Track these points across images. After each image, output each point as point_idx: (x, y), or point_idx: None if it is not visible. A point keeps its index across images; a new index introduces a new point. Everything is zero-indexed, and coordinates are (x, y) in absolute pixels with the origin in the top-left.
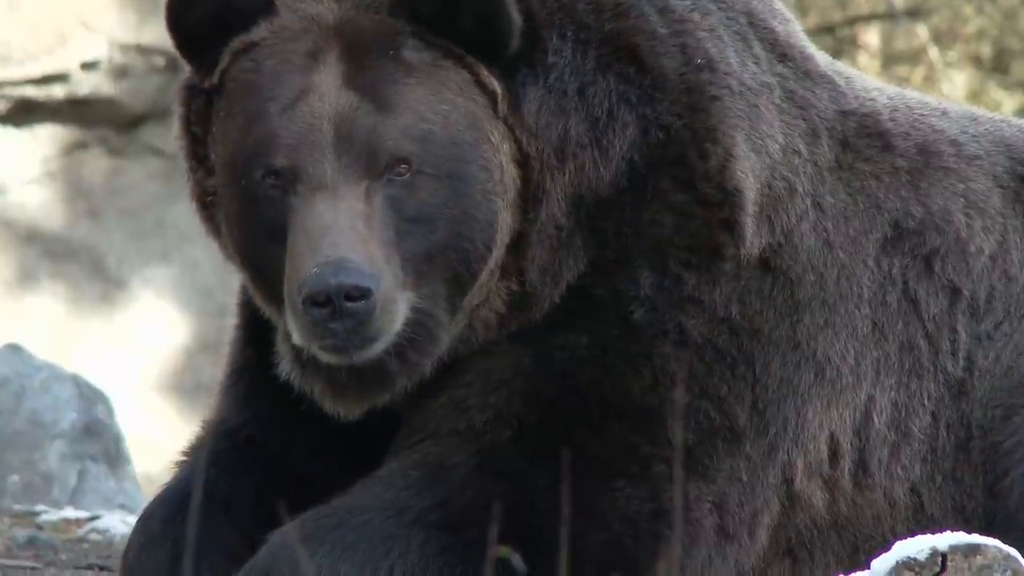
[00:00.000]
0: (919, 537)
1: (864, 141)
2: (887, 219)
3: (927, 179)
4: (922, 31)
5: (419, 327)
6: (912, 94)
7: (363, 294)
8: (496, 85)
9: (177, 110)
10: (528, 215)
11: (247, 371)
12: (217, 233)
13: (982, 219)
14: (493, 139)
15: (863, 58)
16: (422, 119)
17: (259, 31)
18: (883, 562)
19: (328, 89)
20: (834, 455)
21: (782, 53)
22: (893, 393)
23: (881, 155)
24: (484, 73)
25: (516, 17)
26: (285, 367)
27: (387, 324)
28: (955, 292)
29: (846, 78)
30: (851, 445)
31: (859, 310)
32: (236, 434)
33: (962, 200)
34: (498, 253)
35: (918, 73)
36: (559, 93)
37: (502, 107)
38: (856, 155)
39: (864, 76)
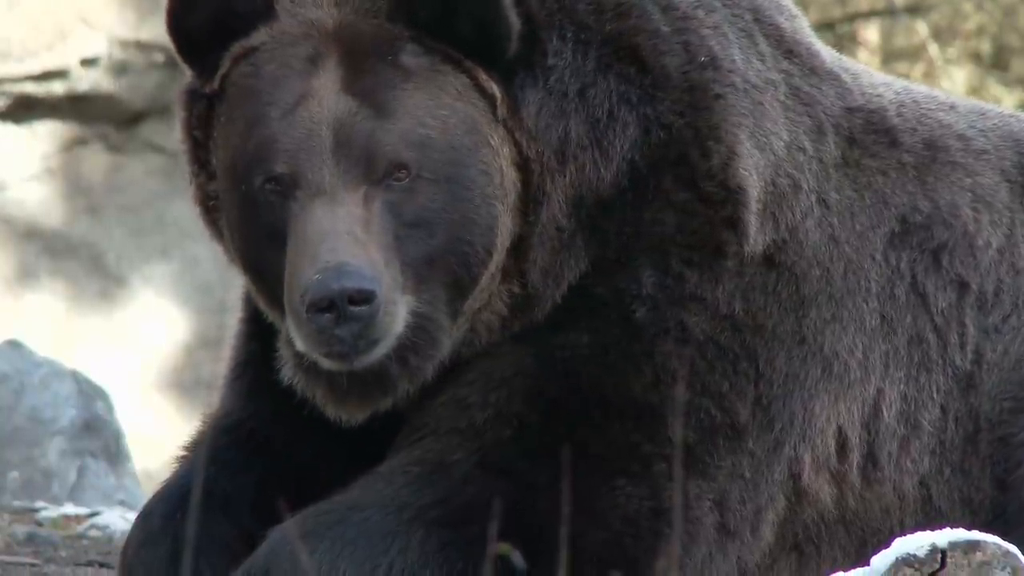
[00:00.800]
0: (919, 533)
1: (871, 137)
2: (894, 214)
3: (934, 174)
4: (922, 28)
5: (420, 331)
6: (920, 88)
7: (366, 297)
8: (495, 89)
9: (179, 114)
10: (529, 218)
11: (251, 365)
12: (220, 237)
13: (989, 213)
14: (492, 143)
15: (863, 55)
16: (421, 124)
17: (259, 36)
18: (883, 558)
19: (327, 94)
20: (842, 449)
21: (788, 49)
22: (902, 386)
23: (888, 151)
24: (483, 77)
25: (514, 20)
26: (287, 372)
27: (389, 326)
28: (963, 286)
29: (852, 74)
30: (859, 439)
31: (867, 304)
32: (238, 429)
33: (969, 194)
34: (499, 257)
35: (918, 70)
36: (559, 95)
37: (501, 110)
38: (863, 151)
39: (871, 71)
